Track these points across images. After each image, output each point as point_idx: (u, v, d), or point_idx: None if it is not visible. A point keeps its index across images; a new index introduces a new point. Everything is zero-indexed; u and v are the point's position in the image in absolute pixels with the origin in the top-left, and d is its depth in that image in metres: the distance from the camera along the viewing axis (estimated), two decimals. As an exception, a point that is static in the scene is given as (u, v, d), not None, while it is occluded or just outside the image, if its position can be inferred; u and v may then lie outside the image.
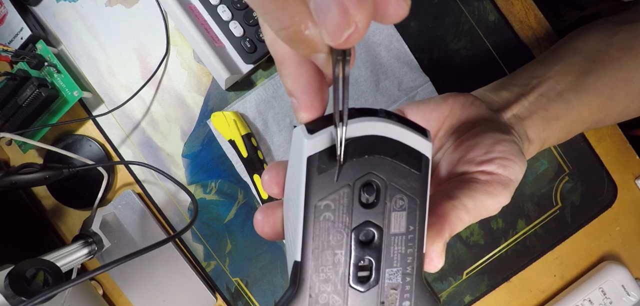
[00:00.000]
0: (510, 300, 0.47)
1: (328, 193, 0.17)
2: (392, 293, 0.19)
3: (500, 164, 0.23)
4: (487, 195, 0.22)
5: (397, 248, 0.18)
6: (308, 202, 0.17)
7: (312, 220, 0.18)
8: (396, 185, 0.18)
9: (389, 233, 0.18)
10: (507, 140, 0.25)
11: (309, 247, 0.18)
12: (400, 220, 0.18)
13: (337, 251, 0.18)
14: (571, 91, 0.30)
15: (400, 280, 0.19)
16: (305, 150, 0.17)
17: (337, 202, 0.18)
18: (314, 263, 0.18)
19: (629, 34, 0.32)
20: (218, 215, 0.46)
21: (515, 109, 0.29)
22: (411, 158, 0.18)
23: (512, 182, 0.24)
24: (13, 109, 0.40)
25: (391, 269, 0.19)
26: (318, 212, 0.17)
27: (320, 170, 0.17)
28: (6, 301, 0.28)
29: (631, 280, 0.44)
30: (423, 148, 0.18)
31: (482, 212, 0.22)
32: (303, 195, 0.17)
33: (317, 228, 0.18)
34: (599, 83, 0.31)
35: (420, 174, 0.18)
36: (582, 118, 0.31)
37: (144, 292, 0.47)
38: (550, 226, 0.45)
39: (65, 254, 0.36)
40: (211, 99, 0.45)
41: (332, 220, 0.18)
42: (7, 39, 0.42)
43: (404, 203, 0.18)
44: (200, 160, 0.45)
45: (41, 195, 0.47)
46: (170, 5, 0.40)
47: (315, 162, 0.17)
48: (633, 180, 0.45)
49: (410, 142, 0.17)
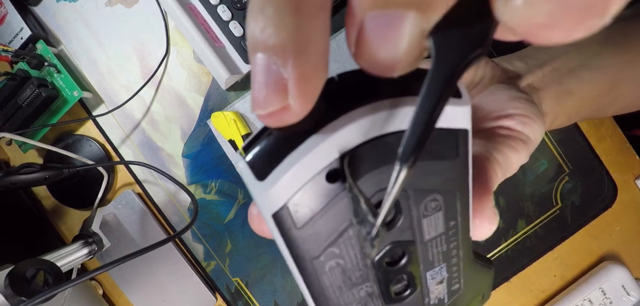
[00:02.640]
0: (510, 300, 0.47)
1: (325, 242, 0.12)
2: (438, 287, 0.16)
3: (519, 120, 0.22)
4: (511, 150, 0.20)
5: (436, 250, 0.14)
6: (302, 265, 0.13)
7: (316, 277, 0.13)
8: (423, 187, 0.12)
9: (423, 241, 0.14)
10: (524, 98, 0.24)
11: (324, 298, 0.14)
12: (436, 223, 0.14)
13: (360, 287, 0.14)
14: (583, 68, 0.30)
15: (445, 273, 0.15)
16: (263, 208, 0.11)
17: (343, 245, 0.13)
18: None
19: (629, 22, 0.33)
20: (218, 215, 0.46)
21: (530, 79, 0.28)
22: (442, 145, 0.12)
23: (531, 141, 0.22)
24: (13, 109, 0.40)
25: (433, 270, 0.15)
26: (319, 265, 0.13)
27: (300, 223, 0.12)
28: (6, 301, 0.28)
29: (631, 280, 0.44)
30: (458, 120, 0.12)
31: (508, 168, 0.20)
32: (291, 259, 0.13)
33: (326, 281, 0.13)
34: (606, 63, 0.31)
35: (457, 159, 0.12)
36: (593, 96, 0.31)
37: (144, 292, 0.47)
38: (550, 226, 0.45)
39: (65, 254, 0.36)
40: (211, 99, 0.45)
41: (342, 264, 0.13)
42: (7, 39, 0.42)
43: (438, 203, 0.13)
44: (200, 160, 0.45)
45: (41, 195, 0.47)
46: (170, 5, 0.40)
47: (287, 217, 0.11)
48: (633, 180, 0.45)
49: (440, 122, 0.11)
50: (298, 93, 0.09)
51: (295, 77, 0.09)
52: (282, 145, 0.11)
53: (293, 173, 0.11)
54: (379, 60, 0.10)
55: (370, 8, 0.09)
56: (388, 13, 0.09)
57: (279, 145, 0.11)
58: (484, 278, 0.18)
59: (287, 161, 0.11)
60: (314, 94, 0.10)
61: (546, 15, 0.08)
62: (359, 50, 0.10)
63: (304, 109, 0.10)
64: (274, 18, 0.09)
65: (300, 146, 0.11)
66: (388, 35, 0.09)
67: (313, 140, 0.11)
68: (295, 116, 0.10)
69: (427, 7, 0.09)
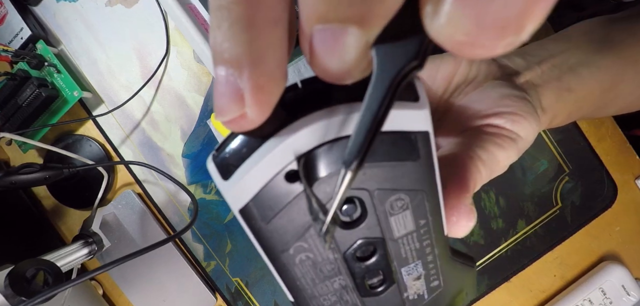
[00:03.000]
0: (510, 300, 0.47)
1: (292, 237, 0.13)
2: (416, 283, 0.16)
3: (508, 118, 0.22)
4: (497, 147, 0.20)
5: (409, 246, 0.15)
6: (272, 256, 0.14)
7: (288, 268, 0.14)
8: (387, 187, 0.13)
9: (394, 238, 0.14)
10: (517, 95, 0.24)
11: (298, 288, 0.15)
12: (405, 221, 0.14)
13: (333, 279, 0.15)
14: (583, 65, 0.29)
15: (422, 270, 0.16)
16: (232, 202, 0.12)
17: (311, 239, 0.13)
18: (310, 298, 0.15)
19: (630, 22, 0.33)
20: (218, 215, 0.46)
21: (529, 75, 0.28)
22: (400, 149, 0.12)
23: (521, 139, 0.22)
24: (13, 109, 0.40)
25: (408, 267, 0.15)
26: (289, 258, 0.14)
27: (266, 218, 0.12)
28: (6, 301, 0.28)
29: (631, 280, 0.44)
30: (415, 123, 0.12)
31: (495, 165, 0.20)
32: (262, 252, 0.14)
33: (297, 272, 0.14)
34: (607, 61, 0.30)
35: (419, 160, 0.13)
36: (593, 95, 0.30)
37: (144, 292, 0.47)
38: (550, 226, 0.45)
39: (65, 254, 0.36)
40: (211, 99, 0.45)
41: (312, 257, 0.14)
42: (7, 39, 0.42)
43: (405, 202, 0.13)
44: (200, 160, 0.45)
45: (41, 195, 0.47)
46: (170, 5, 0.40)
47: (253, 212, 0.12)
48: (633, 180, 0.45)
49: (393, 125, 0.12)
50: (253, 102, 0.10)
51: (250, 88, 0.10)
52: (245, 148, 0.12)
53: (253, 173, 0.11)
54: (329, 70, 0.10)
55: (315, 22, 0.10)
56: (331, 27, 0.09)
57: (242, 148, 0.12)
58: (466, 276, 0.18)
59: (248, 162, 0.11)
60: (269, 103, 0.10)
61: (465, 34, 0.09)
62: (311, 61, 0.10)
63: (260, 116, 0.11)
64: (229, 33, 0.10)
65: (259, 149, 0.11)
66: (334, 48, 0.10)
67: (271, 143, 0.11)
68: (252, 123, 0.11)
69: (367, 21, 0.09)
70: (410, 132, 0.12)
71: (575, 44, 0.31)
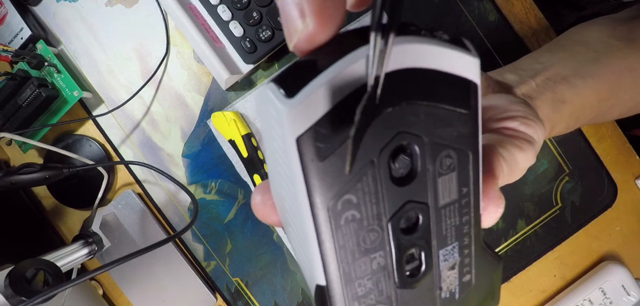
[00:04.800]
0: (510, 300, 0.47)
1: (343, 184, 0.12)
2: (450, 274, 0.15)
3: (522, 122, 0.22)
4: (518, 149, 0.20)
5: (449, 221, 0.14)
6: (316, 208, 0.12)
7: (329, 229, 0.12)
8: (439, 138, 0.12)
9: (438, 206, 0.14)
10: (523, 102, 0.24)
11: (334, 264, 0.13)
12: (450, 185, 0.13)
13: (373, 255, 0.13)
14: (577, 76, 0.30)
15: (457, 256, 0.15)
16: (289, 127, 0.11)
17: (361, 192, 0.12)
18: (346, 282, 0.13)
19: (629, 27, 0.33)
20: (218, 215, 0.46)
21: (523, 89, 0.28)
22: (454, 92, 0.12)
23: (536, 141, 0.22)
24: (13, 109, 0.40)
25: (445, 248, 0.14)
26: (335, 214, 0.12)
27: (323, 154, 0.11)
28: (6, 301, 0.28)
29: (631, 280, 0.44)
30: (468, 70, 0.12)
31: (514, 166, 0.20)
32: (305, 199, 0.12)
33: (339, 237, 0.13)
34: (604, 70, 0.30)
35: (469, 112, 0.12)
36: (590, 104, 0.30)
37: (144, 292, 0.47)
38: (550, 226, 0.45)
39: (65, 254, 0.36)
40: (211, 99, 0.45)
41: (358, 218, 0.13)
42: (7, 39, 0.42)
43: (453, 161, 0.13)
44: (200, 160, 0.45)
45: (41, 195, 0.47)
46: (170, 5, 0.40)
47: (311, 143, 0.11)
48: (633, 180, 0.45)
49: (449, 66, 0.11)
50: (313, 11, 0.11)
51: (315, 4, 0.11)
52: (311, 67, 0.11)
53: (323, 91, 0.10)
54: None
55: None
56: None
57: (307, 67, 0.11)
58: (494, 274, 0.17)
59: (317, 80, 0.10)
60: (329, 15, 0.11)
61: None
62: None
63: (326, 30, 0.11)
64: None
65: (331, 67, 0.10)
66: None
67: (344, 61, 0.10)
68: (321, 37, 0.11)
69: None
70: (464, 78, 0.12)
71: (571, 54, 0.31)
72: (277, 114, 0.11)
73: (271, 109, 0.11)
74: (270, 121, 0.12)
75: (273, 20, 0.40)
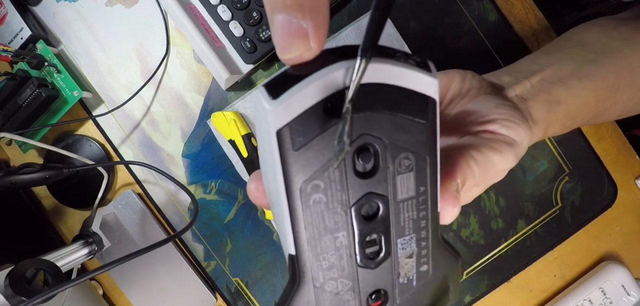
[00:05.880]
0: (510, 300, 0.47)
1: (313, 170, 0.14)
2: (408, 262, 0.17)
3: (502, 124, 0.23)
4: (493, 151, 0.21)
5: (407, 214, 0.16)
6: (290, 188, 0.14)
7: (300, 207, 0.15)
8: (398, 142, 0.15)
9: (396, 200, 0.16)
10: (508, 105, 0.25)
11: (303, 237, 0.16)
12: (408, 183, 0.15)
13: (337, 234, 0.16)
14: (573, 77, 0.30)
15: (415, 246, 0.17)
16: (271, 121, 0.13)
17: (328, 179, 0.15)
18: (312, 253, 0.16)
19: (629, 27, 0.33)
20: (218, 215, 0.46)
21: (518, 90, 0.28)
22: (414, 105, 0.14)
23: (517, 143, 0.23)
24: (13, 109, 0.40)
25: (403, 238, 0.16)
26: (305, 195, 0.15)
27: (297, 145, 0.14)
28: (6, 301, 0.28)
29: (631, 280, 0.44)
30: (427, 88, 0.14)
31: (490, 168, 0.21)
32: (281, 180, 0.14)
33: (307, 215, 0.15)
34: (602, 71, 0.31)
35: (427, 123, 0.15)
36: (587, 105, 0.30)
37: (144, 292, 0.47)
38: (550, 226, 0.45)
39: (65, 254, 0.36)
40: (211, 99, 0.45)
41: (324, 201, 0.15)
42: (7, 39, 0.42)
43: (411, 162, 0.15)
44: (200, 160, 0.45)
45: (41, 195, 0.47)
46: (170, 5, 0.40)
47: (288, 136, 0.13)
48: (633, 180, 0.45)
49: (411, 84, 0.14)
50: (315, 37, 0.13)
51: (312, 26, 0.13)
52: (295, 77, 0.13)
53: (299, 96, 0.13)
54: None
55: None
56: None
57: (292, 77, 0.13)
58: (451, 267, 0.19)
59: (296, 87, 0.13)
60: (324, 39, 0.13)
61: None
62: None
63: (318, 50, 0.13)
64: None
65: (307, 77, 0.13)
66: None
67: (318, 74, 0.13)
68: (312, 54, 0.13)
69: None
70: (422, 94, 0.14)
71: (569, 55, 0.32)
72: (264, 112, 0.14)
73: (260, 108, 0.14)
74: (260, 118, 0.14)
75: (273, 20, 0.40)
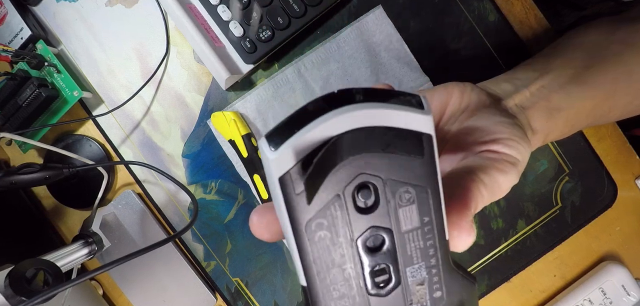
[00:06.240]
0: (510, 300, 0.47)
1: (316, 210, 0.15)
2: (420, 289, 0.17)
3: (505, 144, 0.23)
4: (499, 172, 0.21)
5: (414, 244, 0.16)
6: (296, 227, 0.15)
7: (307, 244, 0.16)
8: (397, 178, 0.15)
9: (401, 232, 0.16)
10: (509, 122, 0.25)
11: (312, 270, 0.16)
12: (411, 215, 0.16)
13: (344, 266, 0.16)
14: (573, 83, 0.30)
15: (425, 274, 0.17)
16: (273, 170, 0.14)
17: (330, 217, 0.15)
18: (321, 285, 0.16)
19: (629, 30, 0.32)
20: (218, 215, 0.46)
21: (517, 99, 0.28)
22: (408, 144, 0.15)
23: (519, 162, 0.23)
24: (13, 109, 0.40)
25: (412, 267, 0.17)
26: (310, 233, 0.15)
27: (297, 190, 0.15)
28: (6, 301, 0.28)
29: (631, 280, 0.44)
30: (421, 125, 0.15)
31: (496, 189, 0.21)
32: (287, 220, 0.15)
33: (314, 251, 0.16)
34: (601, 76, 0.30)
35: (423, 159, 0.15)
36: (585, 110, 0.31)
37: (144, 292, 0.47)
38: (550, 226, 0.45)
39: (65, 254, 0.36)
40: (211, 99, 0.45)
41: (329, 237, 0.16)
42: (7, 39, 0.42)
43: (411, 195, 0.16)
44: (200, 160, 0.45)
45: (41, 195, 0.47)
46: (170, 5, 0.40)
47: (289, 182, 0.14)
48: (633, 180, 0.45)
49: (404, 123, 0.14)
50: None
51: None
52: (292, 127, 0.14)
53: (295, 146, 0.14)
54: None
55: None
56: None
57: (290, 127, 0.14)
58: (467, 292, 0.19)
59: (293, 138, 0.14)
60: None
61: None
62: None
63: None
64: None
65: (303, 128, 0.14)
66: None
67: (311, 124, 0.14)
68: None
69: None
70: (417, 131, 0.15)
71: (568, 59, 0.31)
72: (266, 161, 0.14)
73: (263, 157, 0.15)
74: (264, 165, 0.15)
75: (273, 20, 0.40)
